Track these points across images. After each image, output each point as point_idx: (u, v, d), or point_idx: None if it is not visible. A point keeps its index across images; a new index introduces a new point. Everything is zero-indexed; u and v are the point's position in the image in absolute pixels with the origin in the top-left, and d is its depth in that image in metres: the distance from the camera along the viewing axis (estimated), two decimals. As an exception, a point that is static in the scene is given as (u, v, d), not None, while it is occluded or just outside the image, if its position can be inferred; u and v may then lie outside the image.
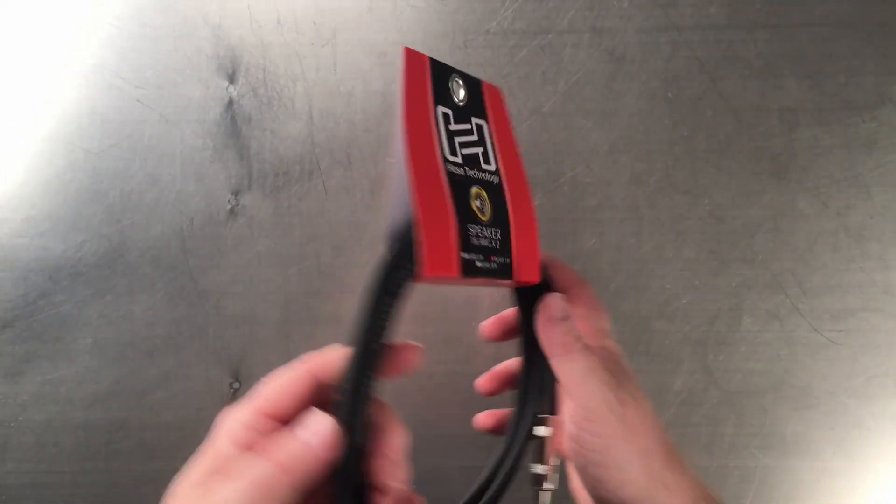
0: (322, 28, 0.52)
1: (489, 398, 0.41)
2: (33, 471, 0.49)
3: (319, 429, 0.27)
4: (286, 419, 0.29)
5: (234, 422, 0.28)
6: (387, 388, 0.29)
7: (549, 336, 0.33)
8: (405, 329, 0.33)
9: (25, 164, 0.51)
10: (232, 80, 0.52)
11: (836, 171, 0.50)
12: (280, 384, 0.29)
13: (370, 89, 0.51)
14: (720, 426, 0.49)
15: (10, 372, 0.50)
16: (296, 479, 0.26)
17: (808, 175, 0.50)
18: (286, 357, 0.49)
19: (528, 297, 0.35)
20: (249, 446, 0.27)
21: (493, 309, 0.46)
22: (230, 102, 0.51)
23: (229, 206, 0.51)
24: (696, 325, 0.50)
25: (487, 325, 0.40)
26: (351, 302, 0.47)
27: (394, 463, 0.29)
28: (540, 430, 0.35)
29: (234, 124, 0.51)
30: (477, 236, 0.30)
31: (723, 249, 0.50)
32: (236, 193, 0.51)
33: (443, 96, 0.32)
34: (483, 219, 0.31)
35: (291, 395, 0.29)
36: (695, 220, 0.50)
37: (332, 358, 0.30)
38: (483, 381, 0.41)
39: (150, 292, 0.50)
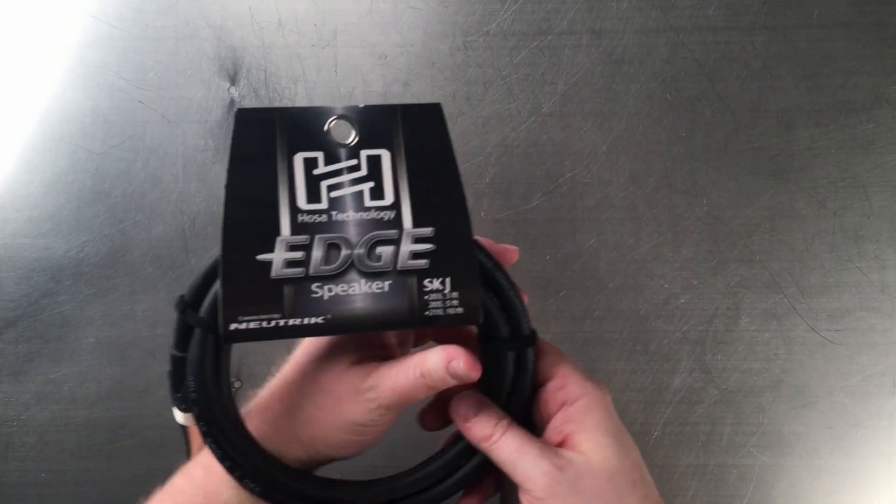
0: (323, 30, 0.52)
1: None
2: (36, 469, 0.50)
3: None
4: None
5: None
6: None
7: (469, 436, 0.33)
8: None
9: (28, 164, 0.51)
10: (233, 81, 0.52)
11: (834, 172, 0.50)
12: None
13: (370, 90, 0.51)
14: (718, 425, 0.49)
15: (13, 371, 0.50)
16: None
17: (806, 175, 0.50)
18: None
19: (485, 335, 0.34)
20: None
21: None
22: (232, 103, 0.52)
23: (230, 207, 0.51)
24: (695, 325, 0.50)
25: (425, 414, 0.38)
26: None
27: None
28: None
29: (235, 125, 0.51)
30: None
31: (721, 249, 0.50)
32: (237, 194, 0.51)
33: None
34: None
35: None
36: (693, 220, 0.50)
37: None
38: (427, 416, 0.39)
39: (152, 292, 0.50)
